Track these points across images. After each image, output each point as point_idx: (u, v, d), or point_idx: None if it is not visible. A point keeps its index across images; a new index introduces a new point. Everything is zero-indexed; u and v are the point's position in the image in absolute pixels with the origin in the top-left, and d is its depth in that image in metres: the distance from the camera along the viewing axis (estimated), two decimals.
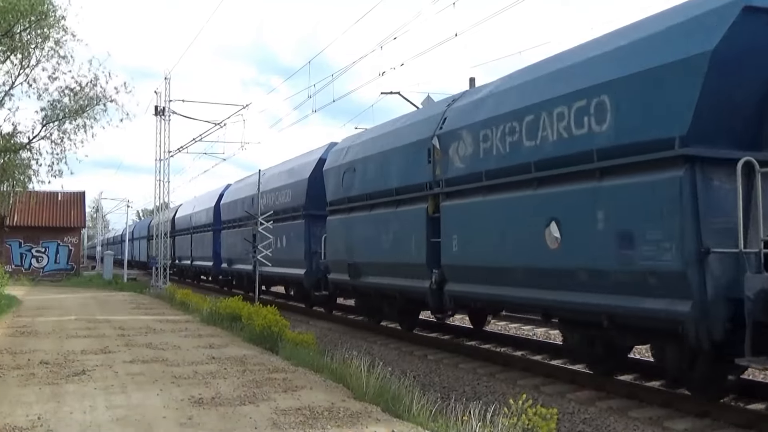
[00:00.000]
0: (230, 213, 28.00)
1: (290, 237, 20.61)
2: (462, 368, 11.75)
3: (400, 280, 13.76)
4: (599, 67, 8.90)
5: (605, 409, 8.67)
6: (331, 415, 7.05)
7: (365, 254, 15.07)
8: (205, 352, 11.53)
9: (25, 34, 23.06)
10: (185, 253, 37.80)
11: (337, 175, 16.70)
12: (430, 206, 12.65)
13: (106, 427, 6.65)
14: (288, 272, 20.94)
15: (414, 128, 13.68)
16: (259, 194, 21.83)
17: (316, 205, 18.86)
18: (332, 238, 17.13)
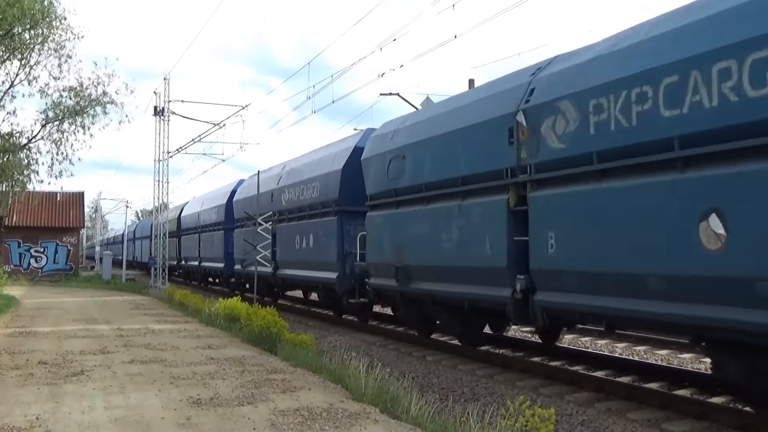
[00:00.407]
0: (246, 210, 25.27)
1: (319, 236, 18.31)
2: (460, 369, 11.75)
3: (467, 287, 11.46)
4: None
5: (604, 410, 8.68)
6: (330, 416, 7.05)
7: (419, 256, 12.91)
8: (203, 353, 11.53)
9: (25, 34, 23.04)
10: (192, 253, 35.26)
11: (381, 163, 14.44)
12: (512, 197, 10.29)
13: (105, 427, 6.65)
14: (316, 276, 18.59)
15: (485, 105, 11.33)
16: (258, 195, 21.46)
17: (351, 200, 16.89)
18: (374, 238, 14.81)
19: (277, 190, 21.71)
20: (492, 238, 10.69)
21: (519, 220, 10.19)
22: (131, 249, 57.66)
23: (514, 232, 10.23)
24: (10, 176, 26.61)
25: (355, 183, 16.18)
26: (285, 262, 20.96)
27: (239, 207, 26.18)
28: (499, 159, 10.55)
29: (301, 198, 19.69)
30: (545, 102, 9.72)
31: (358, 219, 16.18)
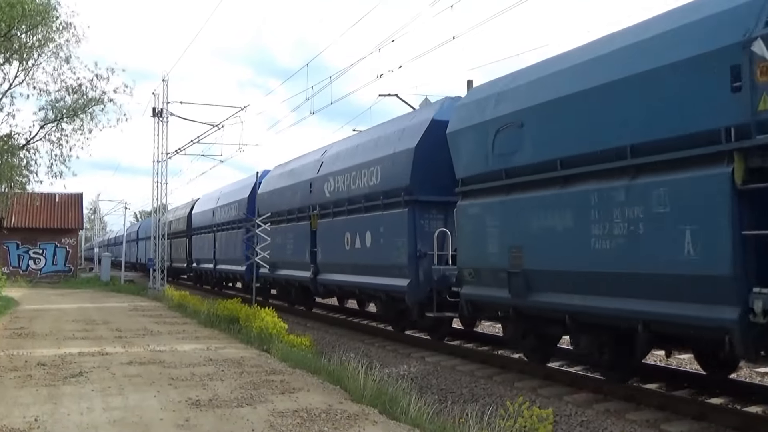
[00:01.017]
0: (274, 204, 21.95)
1: (380, 233, 14.73)
2: (459, 371, 11.75)
3: (641, 304, 8.16)
4: None
5: (602, 411, 8.68)
6: (329, 417, 7.05)
7: (549, 258, 9.58)
8: (202, 354, 11.52)
9: (24, 37, 23.03)
10: (206, 255, 31.44)
11: (480, 137, 11.13)
12: (739, 170, 7.01)
13: (103, 428, 6.65)
14: (375, 283, 14.92)
15: (679, 37, 7.87)
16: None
17: (426, 187, 13.56)
18: (470, 234, 11.56)
19: (318, 179, 18.34)
20: (699, 232, 7.39)
21: (751, 204, 7.00)
22: (133, 250, 56.60)
23: (743, 223, 7.01)
24: (8, 178, 26.59)
25: (431, 165, 13.37)
26: (329, 266, 17.63)
27: (265, 201, 22.92)
28: (711, 114, 7.32)
29: (353, 187, 16.19)
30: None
31: (433, 211, 13.60)
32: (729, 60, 7.11)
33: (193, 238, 34.63)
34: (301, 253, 19.28)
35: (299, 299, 21.66)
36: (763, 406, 8.50)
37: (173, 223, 39.44)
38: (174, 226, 38.99)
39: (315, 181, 18.64)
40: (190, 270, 35.88)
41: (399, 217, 13.99)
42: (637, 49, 8.42)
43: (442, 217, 13.49)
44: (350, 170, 16.48)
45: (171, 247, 39.30)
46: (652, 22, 8.72)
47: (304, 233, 19.14)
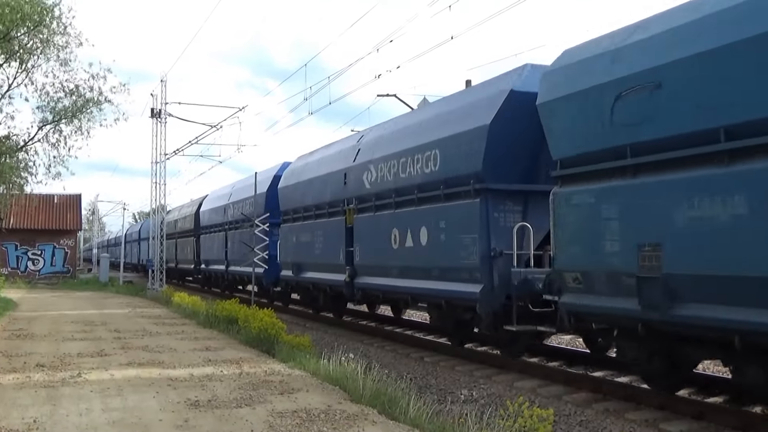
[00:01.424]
0: (299, 199, 19.75)
1: (439, 230, 12.34)
2: (459, 371, 11.75)
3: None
4: None
5: (602, 411, 8.68)
6: (328, 417, 7.04)
7: (707, 258, 7.29)
8: (201, 355, 11.51)
9: (24, 38, 23.02)
10: (216, 255, 29.07)
11: (590, 106, 8.85)
12: None
13: (102, 429, 6.64)
14: (435, 288, 12.55)
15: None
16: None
17: (502, 173, 11.22)
18: (575, 229, 9.21)
19: (355, 168, 16.06)
20: None
21: None
22: (135, 250, 55.46)
23: None
24: (7, 179, 26.59)
25: (508, 147, 11.16)
26: (370, 268, 15.31)
27: (288, 196, 20.72)
28: None
29: (402, 176, 13.75)
30: None
31: (509, 202, 11.33)
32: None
33: (201, 238, 32.41)
34: (333, 253, 17.01)
35: (328, 305, 19.30)
36: (762, 406, 8.51)
37: (179, 221, 38.15)
38: (180, 225, 37.69)
39: (351, 171, 16.27)
40: (198, 272, 33.73)
41: (467, 210, 11.55)
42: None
43: (520, 208, 11.31)
44: (398, 156, 14.00)
45: (177, 247, 38.03)
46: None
47: (336, 231, 16.88)
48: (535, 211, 10.95)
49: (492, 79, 12.57)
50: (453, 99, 13.56)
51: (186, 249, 36.11)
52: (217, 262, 29.01)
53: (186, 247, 36.15)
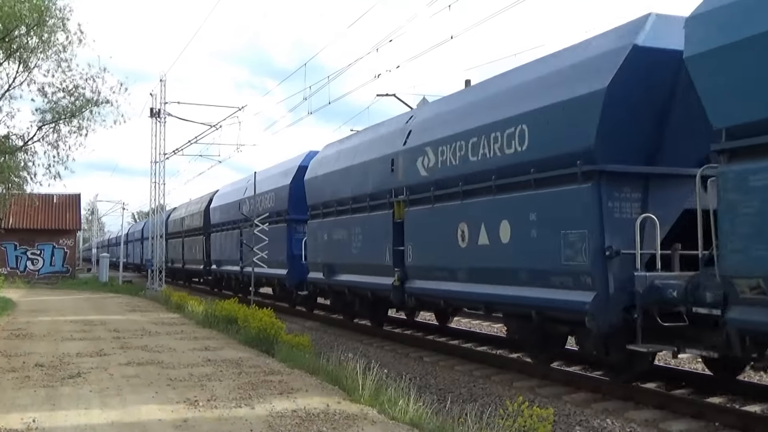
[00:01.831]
0: (332, 191, 17.24)
1: (528, 224, 9.99)
2: (458, 370, 11.75)
3: None
4: None
5: (601, 410, 8.68)
6: (327, 417, 7.04)
7: None
8: (200, 355, 11.51)
9: (25, 37, 23.01)
10: (229, 255, 26.75)
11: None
12: None
13: (101, 429, 6.64)
14: (524, 296, 10.21)
15: None
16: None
17: (620, 152, 8.88)
18: (761, 219, 6.83)
19: (406, 153, 13.62)
20: None
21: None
22: (137, 250, 53.91)
23: None
24: (6, 178, 26.59)
25: (628, 119, 8.87)
26: (427, 270, 13.03)
27: (316, 188, 18.26)
28: None
29: (472, 159, 11.40)
30: None
31: (627, 188, 8.99)
32: None
33: (211, 237, 30.05)
34: (376, 253, 14.61)
35: (366, 312, 17.05)
36: (761, 405, 8.51)
37: (186, 219, 36.04)
38: (187, 222, 35.58)
39: (400, 156, 13.81)
40: (207, 273, 31.34)
41: (572, 198, 9.22)
42: None
43: (640, 196, 9.01)
44: (466, 136, 11.53)
45: (184, 247, 36.08)
46: None
47: (381, 227, 14.44)
48: (656, 199, 8.97)
49: (600, 35, 9.99)
50: (541, 63, 10.89)
51: (194, 248, 33.95)
52: (230, 262, 26.74)
53: (194, 247, 33.99)
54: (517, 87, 10.94)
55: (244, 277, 23.90)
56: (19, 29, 22.32)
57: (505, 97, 11.06)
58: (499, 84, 11.82)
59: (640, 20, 9.13)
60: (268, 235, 20.59)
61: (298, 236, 19.99)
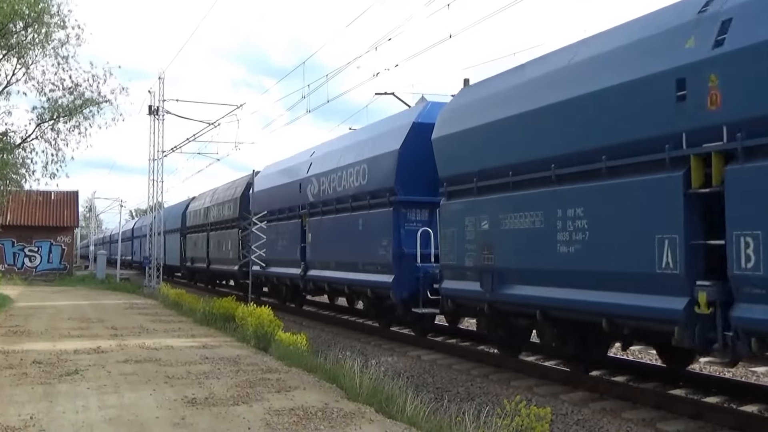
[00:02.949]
0: (497, 153, 10.91)
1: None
2: (456, 369, 11.75)
3: None
4: None
5: (599, 410, 8.69)
6: (325, 415, 7.04)
7: None
8: (198, 353, 11.50)
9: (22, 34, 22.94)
10: (283, 253, 20.83)
11: None
12: None
13: (99, 427, 6.63)
14: None
15: None
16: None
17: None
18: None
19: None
20: None
21: None
22: (145, 247, 51.33)
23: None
24: (4, 175, 26.52)
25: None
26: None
27: (459, 151, 11.91)
28: None
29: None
30: None
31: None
32: None
33: (265, 228, 22.83)
34: (636, 251, 8.15)
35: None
36: (758, 405, 8.52)
37: (213, 210, 29.77)
38: (215, 213, 29.27)
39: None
40: (243, 274, 24.54)
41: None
42: None
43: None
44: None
45: (209, 243, 30.16)
46: None
47: (647, 208, 8.04)
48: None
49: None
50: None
51: (225, 244, 27.57)
52: (283, 262, 20.83)
53: (225, 243, 27.59)
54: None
55: (308, 283, 18.72)
56: (16, 25, 22.24)
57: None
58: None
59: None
60: (354, 226, 15.89)
61: (411, 227, 14.06)
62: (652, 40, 8.34)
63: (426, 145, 12.99)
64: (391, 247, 14.30)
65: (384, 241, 14.56)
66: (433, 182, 13.03)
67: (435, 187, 12.97)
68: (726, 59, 7.19)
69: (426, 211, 14.22)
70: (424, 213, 14.33)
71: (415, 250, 13.58)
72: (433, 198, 13.39)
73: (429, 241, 13.60)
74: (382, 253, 14.58)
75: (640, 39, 8.55)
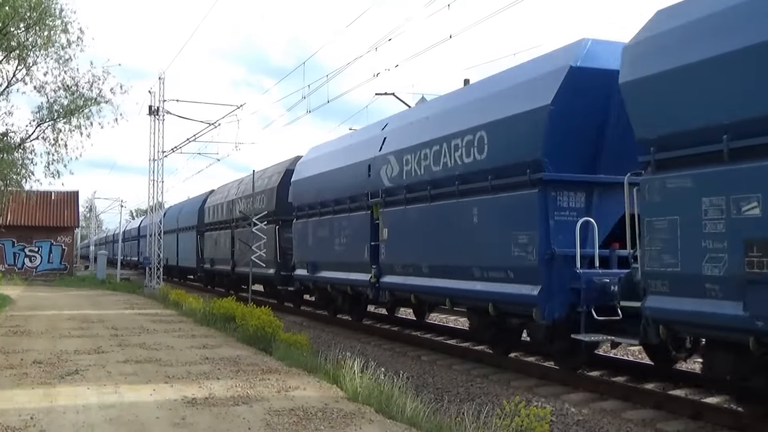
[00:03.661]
0: None
1: None
2: (456, 369, 11.75)
3: None
4: None
5: (599, 410, 8.69)
6: (325, 415, 7.04)
7: None
8: (198, 353, 11.51)
9: (23, 35, 22.96)
10: (342, 254, 16.67)
11: None
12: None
13: (99, 427, 6.63)
14: None
15: None
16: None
17: None
18: None
19: None
20: None
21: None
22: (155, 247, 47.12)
23: None
24: (5, 176, 26.54)
25: None
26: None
27: (664, 96, 7.93)
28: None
29: None
30: None
31: None
32: None
33: (298, 225, 19.40)
34: None
35: None
36: (759, 406, 8.50)
37: (239, 203, 25.54)
38: (244, 207, 24.39)
39: None
40: (284, 280, 20.88)
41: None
42: None
43: None
44: None
45: (234, 241, 26.04)
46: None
47: None
48: None
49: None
50: None
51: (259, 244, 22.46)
52: (342, 266, 16.68)
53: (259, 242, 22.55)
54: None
55: (382, 293, 14.79)
56: (17, 26, 22.26)
57: None
58: None
59: None
60: (463, 217, 11.63)
61: (564, 216, 10.00)
62: None
63: (588, 100, 9.76)
64: (536, 246, 9.89)
65: (522, 236, 10.18)
66: (592, 155, 10.01)
67: (593, 162, 10.02)
68: None
69: (581, 195, 10.11)
70: (579, 198, 10.15)
71: (572, 250, 9.56)
72: (591, 177, 10.03)
73: (592, 237, 9.67)
74: (519, 254, 10.22)
75: None
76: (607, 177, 9.87)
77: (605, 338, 9.27)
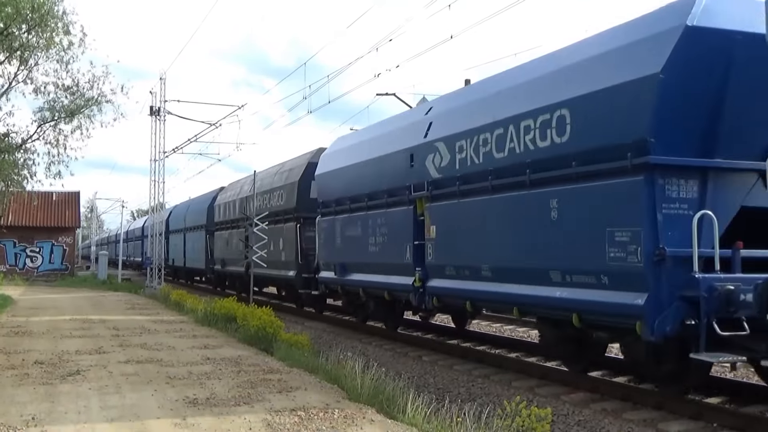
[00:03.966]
0: None
1: None
2: (457, 370, 11.76)
3: None
4: None
5: (600, 410, 8.69)
6: (326, 416, 7.05)
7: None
8: (199, 353, 11.51)
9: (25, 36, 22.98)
10: (378, 255, 14.63)
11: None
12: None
13: (101, 427, 6.65)
14: None
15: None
16: None
17: None
18: None
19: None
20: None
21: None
22: (159, 248, 40.42)
23: None
24: (6, 176, 26.58)
25: None
26: None
27: None
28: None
29: None
30: None
31: None
32: None
33: (322, 223, 17.53)
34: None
35: None
36: (760, 407, 8.52)
37: (253, 200, 22.59)
38: (261, 204, 22.60)
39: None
40: (306, 283, 19.09)
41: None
42: None
43: None
44: None
45: (246, 241, 22.89)
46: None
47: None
48: None
49: None
50: None
51: (275, 244, 21.19)
52: (377, 268, 14.72)
53: (275, 241, 21.20)
54: None
55: (428, 298, 12.83)
56: (19, 27, 22.28)
57: None
58: None
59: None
60: (538, 211, 9.72)
61: (674, 209, 8.16)
62: None
63: (704, 67, 7.99)
64: (640, 245, 8.05)
65: (621, 233, 8.33)
66: (706, 135, 8.17)
67: (707, 144, 8.19)
68: None
69: (694, 183, 8.24)
70: (691, 187, 8.27)
71: (686, 250, 7.81)
72: (707, 161, 8.21)
73: (708, 235, 7.91)
74: (617, 255, 8.35)
75: None
76: (726, 162, 8.12)
77: (737, 358, 7.58)
